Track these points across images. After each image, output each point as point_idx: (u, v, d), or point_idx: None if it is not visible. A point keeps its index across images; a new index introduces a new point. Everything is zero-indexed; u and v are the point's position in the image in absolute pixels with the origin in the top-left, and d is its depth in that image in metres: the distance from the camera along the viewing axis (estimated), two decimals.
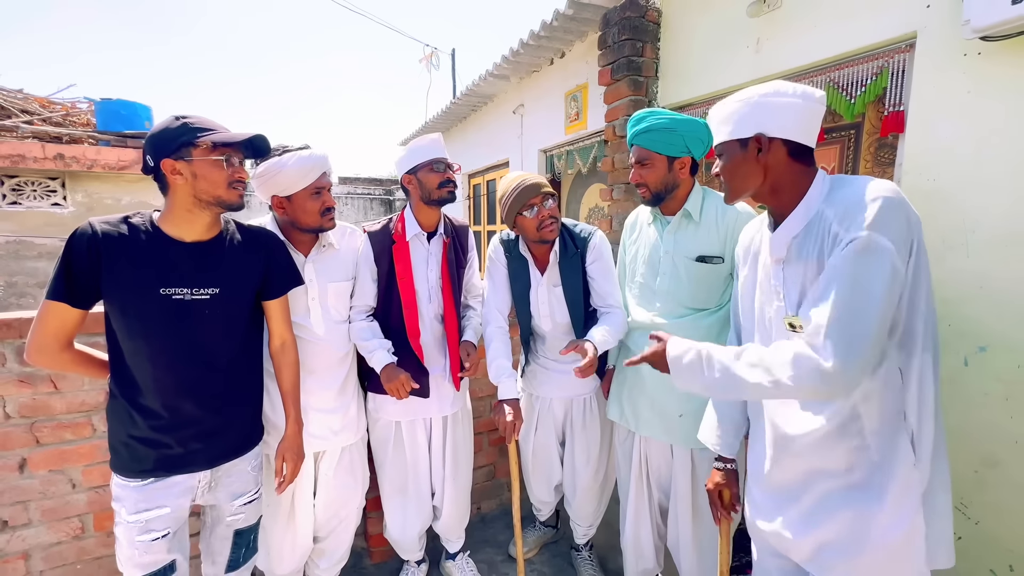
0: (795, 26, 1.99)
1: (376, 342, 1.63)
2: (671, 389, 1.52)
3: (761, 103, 0.97)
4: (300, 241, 1.54)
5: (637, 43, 2.61)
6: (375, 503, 2.07)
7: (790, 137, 0.97)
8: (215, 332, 1.21)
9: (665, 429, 1.57)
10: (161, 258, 1.14)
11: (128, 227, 1.13)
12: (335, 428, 1.63)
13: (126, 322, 1.13)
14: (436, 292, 1.70)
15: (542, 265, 1.72)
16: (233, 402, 1.28)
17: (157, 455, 1.17)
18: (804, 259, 0.95)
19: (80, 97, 4.55)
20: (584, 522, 1.96)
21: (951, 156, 1.55)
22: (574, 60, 3.54)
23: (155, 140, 1.11)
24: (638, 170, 1.50)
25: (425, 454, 1.81)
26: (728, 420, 1.24)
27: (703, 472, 1.53)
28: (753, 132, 0.98)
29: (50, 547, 1.60)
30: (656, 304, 1.56)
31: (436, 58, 8.78)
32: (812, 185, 0.98)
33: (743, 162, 1.01)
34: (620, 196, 2.82)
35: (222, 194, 1.15)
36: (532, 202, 1.58)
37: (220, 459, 1.26)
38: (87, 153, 3.91)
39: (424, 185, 1.61)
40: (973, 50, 1.47)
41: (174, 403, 1.17)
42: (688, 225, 1.50)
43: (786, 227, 0.99)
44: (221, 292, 1.20)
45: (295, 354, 1.43)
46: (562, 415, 1.88)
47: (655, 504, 1.70)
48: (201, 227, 1.19)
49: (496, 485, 2.49)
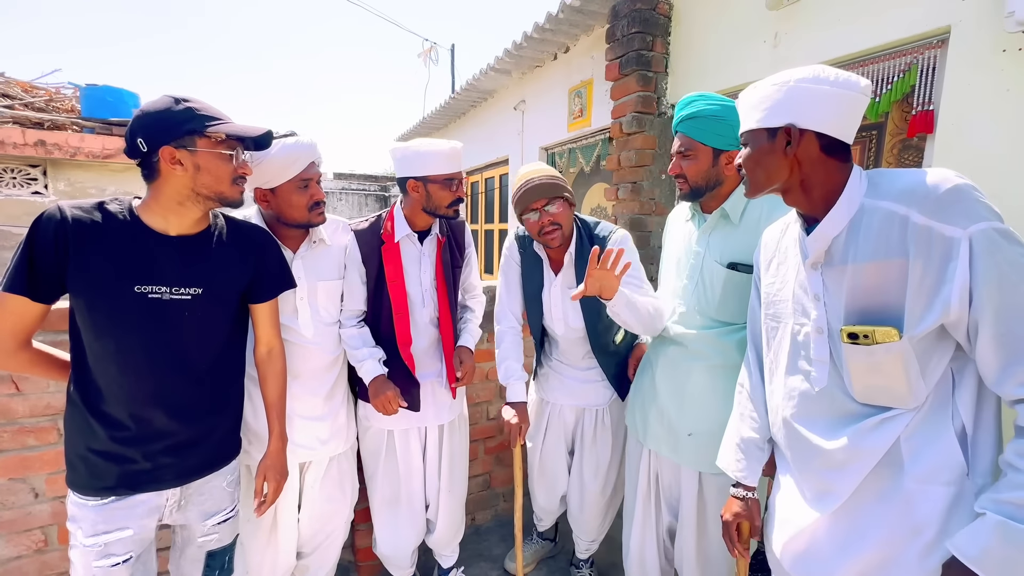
0: (817, 20, 1.90)
1: (366, 351, 1.52)
2: (683, 404, 1.42)
3: (797, 90, 0.87)
4: (288, 236, 1.42)
5: (647, 37, 2.52)
6: (364, 514, 1.95)
7: (825, 131, 0.86)
8: (194, 336, 1.10)
9: (672, 446, 1.46)
10: (139, 252, 1.02)
11: (103, 214, 1.01)
12: (322, 437, 1.51)
13: (93, 321, 1.01)
14: (431, 295, 1.59)
15: (557, 266, 1.63)
16: (210, 413, 1.16)
17: (120, 471, 1.05)
18: (856, 261, 0.85)
19: (65, 83, 4.38)
20: (587, 536, 1.87)
21: (985, 158, 1.46)
22: (579, 55, 3.44)
23: (152, 123, 0.98)
24: (678, 160, 1.35)
25: (419, 464, 1.70)
26: (750, 443, 1.13)
27: (711, 496, 1.43)
28: (784, 122, 0.88)
29: (9, 561, 1.47)
30: (679, 310, 1.43)
31: (435, 53, 8.66)
32: (850, 180, 0.87)
33: (769, 154, 0.91)
34: (626, 196, 2.72)
35: (225, 190, 1.05)
36: (533, 207, 1.49)
37: (191, 475, 1.14)
38: (70, 140, 3.76)
39: (432, 198, 1.49)
40: (1014, 45, 1.38)
41: (143, 413, 1.06)
42: (725, 226, 1.35)
43: (825, 227, 0.88)
44: (204, 292, 1.09)
45: (282, 363, 1.32)
46: (573, 423, 1.79)
47: (663, 524, 1.59)
48: (189, 221, 1.08)
49: (491, 495, 2.38)
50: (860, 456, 0.88)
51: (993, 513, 0.73)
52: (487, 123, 5.17)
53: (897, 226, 0.80)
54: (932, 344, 0.81)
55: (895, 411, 0.85)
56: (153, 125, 0.98)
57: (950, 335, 0.81)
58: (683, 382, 1.42)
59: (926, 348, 0.81)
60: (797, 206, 0.95)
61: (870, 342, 0.83)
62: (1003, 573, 0.71)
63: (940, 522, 0.82)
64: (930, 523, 0.82)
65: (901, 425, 0.84)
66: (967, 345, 0.79)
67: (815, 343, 0.93)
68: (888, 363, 0.82)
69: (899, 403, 0.85)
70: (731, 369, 1.33)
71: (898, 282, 0.81)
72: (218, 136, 1.01)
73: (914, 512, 0.84)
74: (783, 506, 1.03)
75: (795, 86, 0.87)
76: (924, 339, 0.80)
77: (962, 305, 0.75)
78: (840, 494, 0.91)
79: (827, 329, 0.90)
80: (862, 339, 0.84)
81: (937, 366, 0.82)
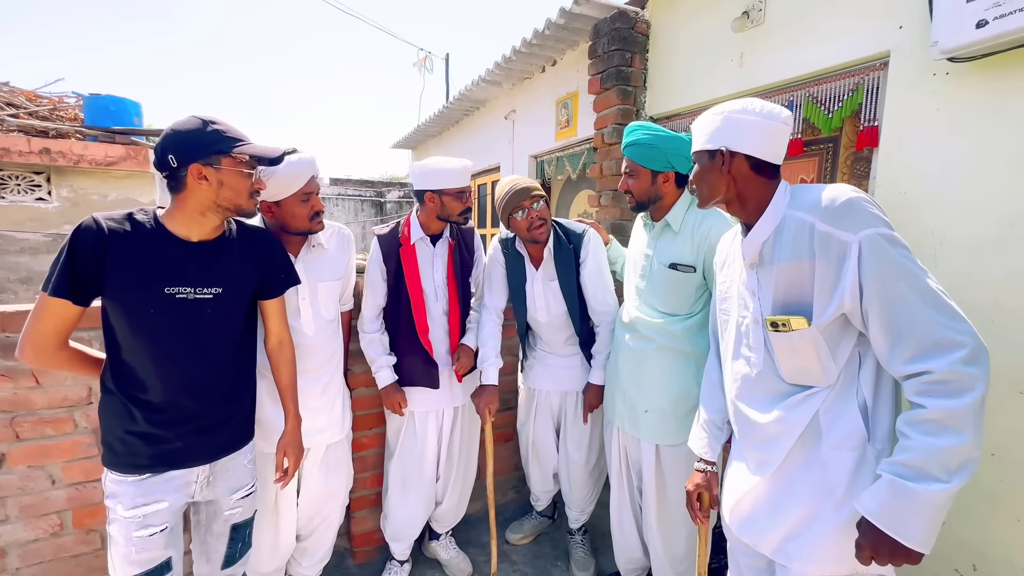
0: (777, 42, 2.06)
1: (384, 359, 1.79)
2: (641, 384, 1.62)
3: (729, 119, 1.04)
4: (289, 242, 1.55)
5: (626, 54, 2.67)
6: (359, 502, 2.08)
7: (751, 153, 1.03)
8: (217, 330, 1.23)
9: (632, 422, 1.66)
10: (166, 257, 1.14)
11: (133, 224, 1.13)
12: (320, 426, 1.65)
13: (128, 320, 1.12)
14: (442, 291, 1.82)
15: (537, 261, 1.84)
16: (232, 398, 1.29)
17: (156, 450, 1.18)
18: (778, 262, 1.00)
19: (68, 92, 4.50)
20: (576, 507, 2.07)
21: (920, 171, 1.61)
22: (565, 68, 3.59)
23: (183, 142, 1.10)
24: (626, 179, 1.60)
25: (434, 445, 1.91)
26: (710, 424, 1.29)
27: (668, 466, 1.62)
28: (719, 145, 1.05)
29: (27, 544, 1.58)
30: (637, 303, 1.65)
31: (430, 62, 8.83)
32: (776, 194, 1.03)
33: (710, 171, 1.08)
34: (608, 202, 2.86)
35: (243, 203, 1.18)
36: (522, 205, 1.70)
37: (219, 453, 1.27)
38: (74, 148, 3.86)
39: (446, 208, 1.71)
40: (941, 70, 1.55)
41: (175, 398, 1.18)
42: (668, 233, 1.57)
43: (755, 233, 1.04)
44: (224, 292, 1.22)
45: (292, 351, 1.45)
46: (558, 406, 2.01)
47: (635, 493, 1.78)
48: (209, 228, 1.20)
49: (480, 486, 2.48)
50: (788, 428, 1.02)
51: (887, 473, 0.88)
52: (479, 132, 5.31)
53: (807, 232, 0.95)
54: (838, 331, 0.96)
55: (815, 389, 1.01)
56: (184, 144, 1.10)
57: (852, 323, 0.95)
58: (640, 364, 1.62)
59: (833, 334, 0.96)
60: (736, 215, 1.11)
61: (787, 329, 0.98)
62: (895, 523, 0.85)
63: (847, 482, 0.96)
64: (840, 483, 0.97)
65: (819, 400, 0.99)
66: (865, 331, 0.93)
67: (752, 332, 1.08)
68: (803, 347, 0.97)
69: (816, 382, 1.00)
70: (676, 352, 1.56)
71: (808, 279, 0.96)
72: (242, 157, 1.14)
73: (829, 474, 0.98)
74: (732, 477, 1.19)
75: (728, 115, 1.04)
76: (830, 326, 0.95)
77: (853, 297, 0.90)
78: (773, 462, 1.05)
79: (760, 320, 1.05)
80: (781, 327, 0.99)
81: (844, 349, 0.97)
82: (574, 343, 1.91)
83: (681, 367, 1.57)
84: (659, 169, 1.53)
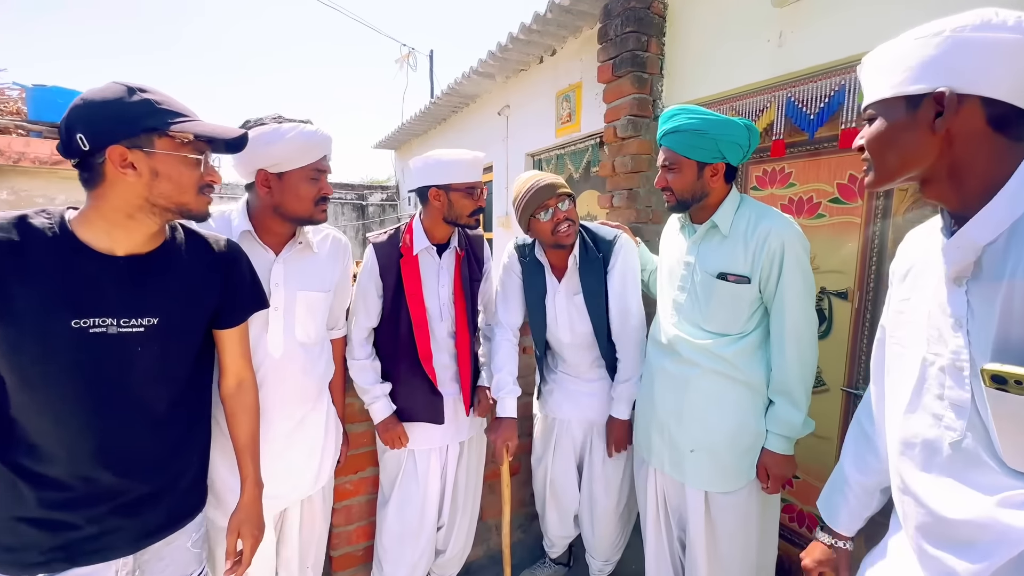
0: (827, 18, 1.80)
1: (378, 388, 1.52)
2: (683, 418, 1.37)
3: (960, 42, 0.65)
4: (273, 233, 1.23)
5: (642, 37, 2.40)
6: (343, 561, 1.75)
7: (997, 96, 0.65)
8: (149, 375, 0.91)
9: (674, 463, 1.41)
10: (76, 277, 0.83)
11: (24, 231, 0.82)
12: (282, 491, 1.29)
13: (19, 364, 0.81)
14: (448, 309, 1.54)
15: (559, 272, 1.60)
16: (171, 463, 0.97)
17: (56, 541, 0.85)
18: (1014, 278, 0.64)
19: (10, 83, 4.04)
20: (600, 556, 1.78)
21: None
22: (567, 58, 3.33)
23: (97, 115, 0.80)
24: (664, 173, 1.36)
25: (437, 486, 1.62)
26: (855, 487, 0.95)
27: (721, 517, 1.37)
28: (935, 86, 0.67)
29: None
30: (676, 320, 1.41)
31: (413, 59, 8.51)
32: (1020, 167, 0.65)
33: (907, 130, 0.70)
34: (621, 203, 2.58)
35: (189, 200, 0.88)
36: (547, 203, 1.46)
37: (149, 538, 0.95)
38: (13, 144, 3.45)
39: (454, 206, 1.47)
40: None
41: (85, 472, 0.86)
42: (714, 237, 1.35)
43: (974, 229, 0.68)
44: (161, 323, 0.91)
45: (254, 396, 1.13)
46: (581, 439, 1.72)
47: (676, 544, 1.52)
48: (141, 237, 0.89)
49: (483, 528, 2.18)
50: (1000, 535, 0.65)
51: None
52: (469, 129, 5.01)
53: None
54: None
55: None
56: (99, 118, 0.80)
57: None
58: (681, 393, 1.38)
59: None
60: (942, 201, 0.74)
61: (1021, 391, 0.61)
62: None
63: None
64: None
65: None
66: None
67: (952, 381, 0.71)
68: None
69: None
70: (726, 378, 1.32)
71: None
72: (184, 137, 0.84)
73: None
74: (885, 570, 0.84)
75: (955, 36, 0.65)
76: None
77: None
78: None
79: (971, 366, 0.69)
80: (1013, 385, 0.61)
81: None
82: (600, 366, 1.65)
83: (734, 397, 1.33)
84: (707, 160, 1.30)
